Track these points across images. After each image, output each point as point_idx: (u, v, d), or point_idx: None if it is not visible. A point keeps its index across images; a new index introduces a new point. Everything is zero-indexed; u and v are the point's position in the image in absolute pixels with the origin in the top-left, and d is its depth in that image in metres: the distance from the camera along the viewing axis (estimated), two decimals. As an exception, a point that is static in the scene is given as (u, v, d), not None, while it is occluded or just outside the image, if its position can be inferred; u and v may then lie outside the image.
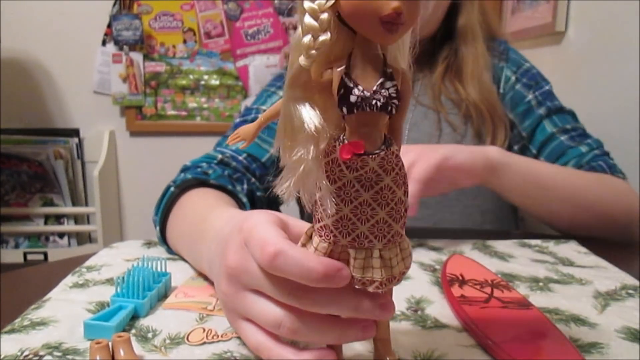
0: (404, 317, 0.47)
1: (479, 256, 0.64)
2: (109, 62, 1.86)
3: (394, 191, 0.30)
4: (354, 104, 0.28)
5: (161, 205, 0.66)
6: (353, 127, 0.29)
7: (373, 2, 0.26)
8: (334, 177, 0.30)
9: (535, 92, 0.90)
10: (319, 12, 0.27)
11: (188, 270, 0.58)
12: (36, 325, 0.45)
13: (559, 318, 0.47)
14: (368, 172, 0.30)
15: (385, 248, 0.31)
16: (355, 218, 0.31)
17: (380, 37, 0.27)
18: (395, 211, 0.31)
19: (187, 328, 0.44)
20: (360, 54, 0.29)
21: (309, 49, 0.27)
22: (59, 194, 1.87)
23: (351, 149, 0.29)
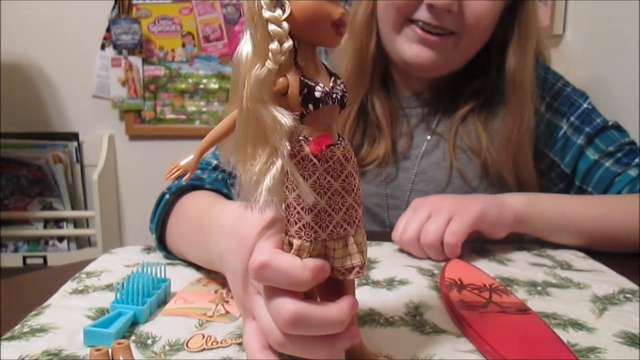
0: (403, 323, 0.47)
1: (477, 260, 0.64)
2: (108, 66, 1.87)
3: (355, 177, 0.34)
4: (319, 99, 0.31)
5: (157, 212, 0.66)
6: (314, 123, 0.32)
7: (326, 9, 0.31)
8: (307, 174, 0.32)
9: (570, 118, 0.83)
10: (281, 21, 0.30)
11: (187, 275, 0.58)
12: (36, 332, 0.45)
13: (557, 323, 0.47)
14: (335, 162, 0.32)
15: (357, 233, 0.34)
16: (331, 209, 0.33)
17: (331, 40, 0.32)
18: (357, 197, 0.34)
19: (186, 334, 0.44)
20: (307, 60, 0.32)
21: (276, 54, 0.30)
22: (58, 198, 1.87)
23: (322, 141, 0.32)
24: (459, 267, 0.59)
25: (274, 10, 0.30)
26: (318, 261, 0.33)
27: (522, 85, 0.78)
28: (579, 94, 0.85)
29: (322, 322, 0.33)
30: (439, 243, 0.63)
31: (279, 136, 0.31)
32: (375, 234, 0.73)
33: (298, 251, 0.33)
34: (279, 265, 0.33)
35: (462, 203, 0.67)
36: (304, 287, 0.33)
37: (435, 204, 0.67)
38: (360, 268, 0.34)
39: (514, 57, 0.78)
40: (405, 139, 0.84)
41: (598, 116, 0.83)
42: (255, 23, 0.30)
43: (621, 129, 0.84)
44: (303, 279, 0.32)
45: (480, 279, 0.55)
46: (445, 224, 0.64)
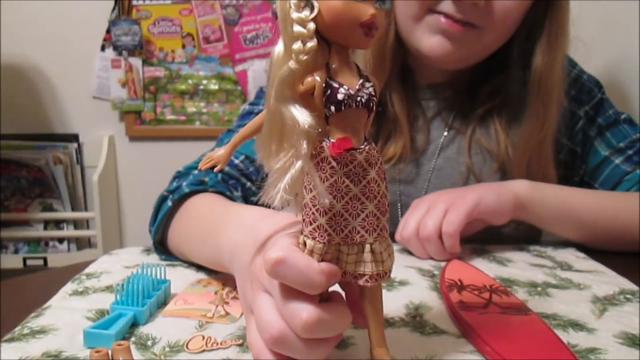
0: (403, 324, 0.47)
1: (477, 261, 0.64)
2: (108, 68, 1.86)
3: (379, 184, 0.33)
4: (341, 101, 0.31)
5: (158, 217, 0.65)
6: (339, 124, 0.32)
7: (354, 10, 0.30)
8: (325, 176, 0.32)
9: (586, 107, 0.81)
10: (306, 22, 0.30)
11: (188, 276, 0.58)
12: (36, 333, 0.45)
13: (557, 323, 0.47)
14: (356, 166, 0.32)
15: (375, 242, 0.34)
16: (347, 214, 0.33)
17: (359, 41, 0.31)
18: (381, 204, 0.33)
19: (186, 335, 0.44)
20: (338, 61, 0.32)
21: (299, 54, 0.30)
22: (58, 199, 1.87)
23: (341, 144, 0.31)
24: (459, 267, 0.59)
25: (302, 11, 0.30)
26: (333, 267, 0.33)
27: (549, 87, 0.74)
28: (594, 83, 0.83)
29: (338, 326, 0.34)
30: (437, 236, 0.63)
31: (297, 135, 0.31)
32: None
33: (310, 252, 0.33)
34: (295, 263, 0.32)
35: (459, 194, 0.67)
36: (315, 289, 0.32)
37: (432, 200, 0.67)
38: (370, 277, 0.34)
39: (542, 56, 0.74)
40: (423, 135, 0.82)
41: (610, 107, 0.82)
42: (287, 23, 0.30)
43: (633, 124, 0.82)
44: (317, 282, 0.32)
45: (481, 279, 0.55)
46: (442, 216, 0.64)
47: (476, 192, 0.68)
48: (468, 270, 0.58)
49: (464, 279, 0.54)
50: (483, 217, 0.67)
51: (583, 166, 0.82)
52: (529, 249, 0.70)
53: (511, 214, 0.69)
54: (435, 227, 0.63)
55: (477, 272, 0.57)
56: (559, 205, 0.70)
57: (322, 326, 0.33)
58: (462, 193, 0.68)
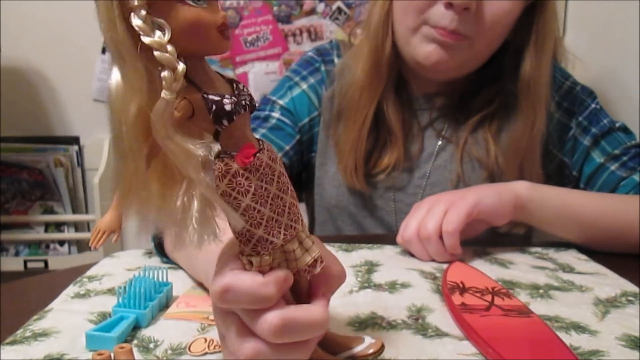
0: (405, 326, 0.47)
1: (479, 263, 0.64)
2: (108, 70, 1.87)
3: (284, 174, 0.33)
4: (231, 111, 0.30)
5: None
6: (231, 135, 0.31)
7: (206, 17, 0.29)
8: (244, 190, 0.31)
9: (579, 118, 0.82)
10: (165, 44, 0.27)
11: (189, 279, 0.58)
12: (38, 336, 0.45)
13: (559, 326, 0.47)
14: (265, 167, 0.31)
15: (304, 228, 0.34)
16: (276, 214, 0.32)
17: (221, 45, 0.30)
18: (292, 192, 0.34)
19: (188, 338, 0.44)
20: (201, 73, 0.30)
21: (171, 83, 0.28)
22: (59, 202, 1.87)
23: (248, 152, 0.31)
24: (461, 270, 0.59)
25: (153, 34, 0.27)
26: (280, 272, 0.32)
27: (537, 91, 0.77)
28: (587, 93, 0.84)
29: (308, 325, 0.33)
30: (437, 235, 0.63)
31: (195, 169, 0.29)
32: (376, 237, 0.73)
33: (260, 267, 0.32)
34: (240, 286, 0.31)
35: (459, 195, 0.68)
36: (270, 301, 0.32)
37: (433, 201, 0.67)
38: (322, 259, 0.34)
39: (530, 61, 0.76)
40: (416, 145, 0.83)
41: (605, 117, 0.83)
42: (123, 54, 0.27)
43: (628, 131, 0.83)
44: (268, 295, 0.31)
45: (483, 282, 0.55)
46: (443, 216, 0.64)
47: (476, 192, 0.68)
48: (470, 273, 0.58)
49: (466, 281, 0.54)
50: (483, 217, 0.67)
51: (574, 174, 0.83)
52: (531, 251, 0.69)
53: (511, 214, 0.69)
54: (435, 227, 0.63)
55: (479, 275, 0.57)
56: (558, 205, 0.71)
57: (291, 325, 0.32)
58: (462, 193, 0.68)
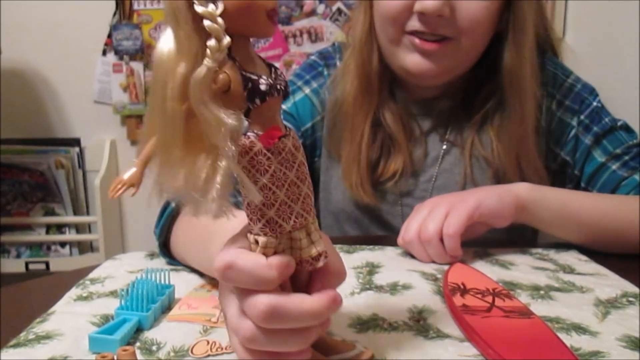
0: (406, 328, 0.47)
1: (480, 264, 0.64)
2: (109, 72, 1.87)
3: (305, 165, 0.34)
4: (265, 92, 0.31)
5: (162, 219, 0.65)
6: (261, 115, 0.31)
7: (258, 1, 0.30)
8: (264, 168, 0.32)
9: (581, 116, 0.82)
10: (216, 16, 0.29)
11: (191, 281, 0.58)
12: (41, 338, 0.45)
13: (560, 327, 0.47)
14: (287, 152, 0.32)
15: (314, 221, 0.35)
16: (290, 200, 0.33)
17: (267, 29, 0.31)
18: (310, 184, 0.34)
19: (191, 340, 0.44)
20: (245, 53, 0.31)
21: (215, 52, 0.29)
22: (60, 204, 1.87)
23: (273, 134, 0.32)
24: (462, 271, 0.59)
25: (207, 5, 0.29)
26: (283, 257, 0.33)
27: (520, 82, 0.76)
28: (589, 91, 0.84)
29: (297, 314, 0.33)
30: (438, 238, 0.63)
31: (224, 138, 0.29)
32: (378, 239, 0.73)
33: (265, 248, 0.33)
34: (243, 265, 0.32)
35: (459, 197, 0.68)
36: (270, 285, 0.32)
37: (434, 203, 0.68)
38: (327, 254, 0.35)
39: (510, 53, 0.76)
40: (421, 150, 0.83)
41: (607, 115, 0.82)
42: (179, 20, 0.29)
43: (630, 130, 0.83)
44: (269, 277, 0.32)
45: (484, 283, 0.55)
46: (443, 219, 0.64)
47: (477, 194, 0.68)
48: (471, 274, 0.58)
49: (467, 282, 0.55)
50: (484, 220, 0.67)
51: (576, 173, 0.83)
52: (532, 252, 0.70)
53: (513, 217, 0.69)
54: (436, 230, 0.63)
55: (480, 276, 0.58)
56: (559, 207, 0.71)
57: (280, 312, 0.32)
58: (463, 196, 0.68)
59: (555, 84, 0.83)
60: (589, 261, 0.67)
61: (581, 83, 0.84)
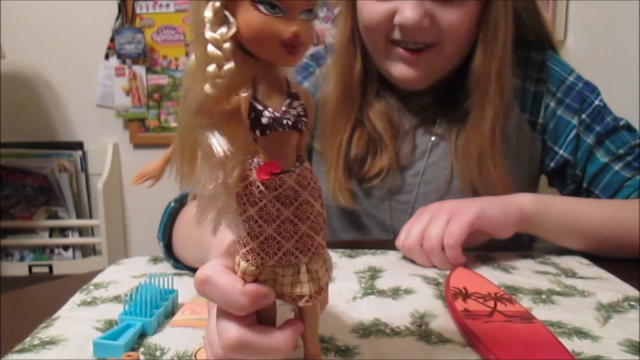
0: (408, 332, 0.47)
1: (482, 268, 0.65)
2: (112, 76, 1.88)
3: (312, 204, 0.31)
4: (266, 125, 0.29)
5: (163, 220, 0.66)
6: (267, 147, 0.30)
7: (274, 27, 0.28)
8: (254, 200, 0.31)
9: (582, 115, 0.81)
10: (222, 42, 0.28)
11: (194, 286, 0.58)
12: (46, 344, 0.45)
13: (561, 331, 0.48)
14: (287, 189, 0.30)
15: (311, 261, 0.32)
16: (280, 237, 0.31)
17: (283, 60, 0.29)
18: (315, 224, 0.32)
19: (194, 345, 0.44)
20: (264, 79, 0.30)
21: (214, 78, 0.28)
22: (63, 207, 1.88)
23: (268, 169, 0.30)
24: (464, 275, 0.59)
25: (218, 28, 0.28)
26: (261, 288, 0.32)
27: (486, 86, 0.75)
28: (590, 90, 0.82)
29: (264, 350, 0.33)
30: (439, 247, 0.63)
31: (214, 164, 0.29)
32: (380, 243, 0.74)
33: (244, 274, 0.32)
34: (219, 284, 0.32)
35: (461, 205, 0.67)
36: (240, 311, 0.32)
37: (435, 209, 0.67)
38: (310, 297, 0.32)
39: (478, 54, 0.75)
40: (409, 144, 0.83)
41: (609, 114, 0.82)
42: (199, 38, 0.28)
43: (632, 129, 0.82)
44: (239, 304, 0.32)
45: (485, 287, 0.55)
46: (445, 227, 0.64)
47: (479, 203, 0.68)
48: (473, 278, 0.58)
49: (468, 286, 0.55)
50: (486, 229, 0.67)
51: (577, 173, 0.82)
52: (533, 256, 0.70)
53: (515, 227, 0.68)
54: (438, 239, 0.63)
55: (482, 280, 0.58)
56: (563, 217, 0.70)
57: (246, 347, 0.32)
58: (465, 204, 0.68)
59: (557, 82, 0.83)
60: (590, 265, 0.67)
61: (583, 81, 0.83)
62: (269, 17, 0.28)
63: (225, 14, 0.28)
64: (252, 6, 0.28)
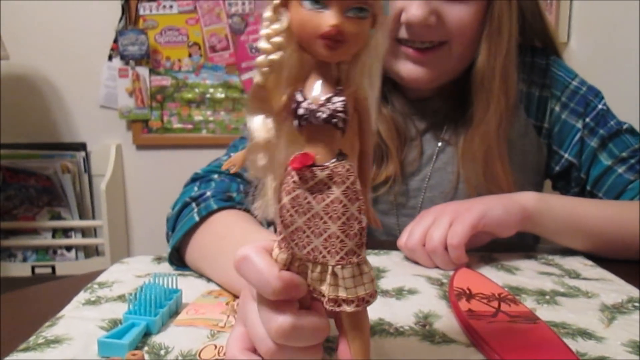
0: (413, 332, 0.47)
1: (485, 269, 0.64)
2: (115, 77, 1.88)
3: (345, 205, 0.31)
4: (301, 116, 0.31)
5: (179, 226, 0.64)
6: (307, 140, 0.31)
7: (314, 21, 0.29)
8: (289, 189, 0.32)
9: (586, 119, 0.81)
10: (273, 36, 0.30)
11: (199, 287, 0.58)
12: (51, 343, 0.45)
13: (565, 332, 0.48)
14: (318, 183, 0.31)
15: (338, 265, 0.31)
16: (310, 231, 0.32)
17: (322, 54, 0.30)
18: (347, 227, 0.31)
19: (198, 345, 0.45)
20: (316, 74, 0.31)
21: (261, 67, 0.30)
22: (66, 208, 1.88)
23: (301, 160, 0.31)
24: (468, 276, 0.59)
25: (274, 23, 0.30)
26: (295, 277, 0.33)
27: (491, 84, 0.75)
28: (594, 94, 0.83)
29: (315, 333, 0.33)
30: (442, 248, 0.63)
31: (255, 147, 0.32)
32: (383, 243, 0.74)
33: (276, 260, 0.33)
34: (256, 263, 0.33)
35: (464, 206, 0.68)
36: (271, 294, 0.32)
37: (438, 211, 0.68)
38: (328, 300, 0.32)
39: (482, 55, 0.75)
40: (415, 150, 0.83)
41: (612, 118, 0.82)
42: None
43: (635, 133, 0.82)
44: (271, 287, 0.32)
45: (489, 288, 0.55)
46: (448, 228, 0.64)
47: (482, 204, 0.68)
48: (476, 279, 0.58)
49: (472, 287, 0.55)
50: (489, 230, 0.67)
51: (582, 176, 0.83)
52: (537, 257, 0.70)
53: (518, 227, 0.68)
54: (441, 240, 0.63)
55: (486, 281, 0.58)
56: (565, 216, 0.70)
57: (298, 332, 0.33)
58: (468, 205, 0.68)
59: (561, 87, 0.83)
60: (594, 266, 0.67)
61: (586, 86, 0.84)
62: (311, 12, 0.29)
63: (281, 12, 0.30)
64: (298, 2, 0.30)
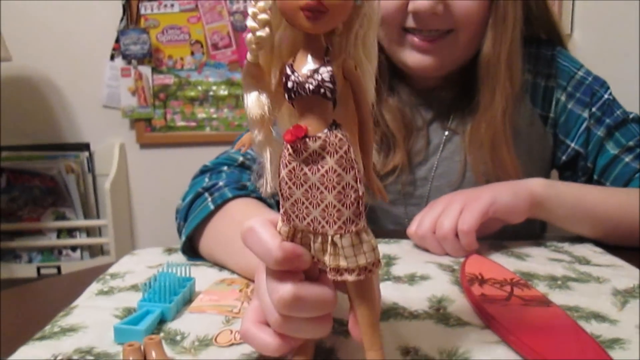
0: (427, 316, 0.47)
1: (496, 256, 0.65)
2: (117, 76, 1.88)
3: (340, 175, 0.31)
4: (290, 89, 0.31)
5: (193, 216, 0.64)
6: (300, 112, 0.32)
7: None
8: (285, 162, 0.32)
9: (592, 108, 0.82)
10: (259, 13, 0.31)
11: (211, 275, 0.58)
12: (66, 331, 0.46)
13: (579, 315, 0.48)
14: (312, 154, 0.31)
15: (336, 234, 0.32)
16: (308, 202, 0.32)
17: (304, 26, 0.30)
18: (344, 195, 0.31)
19: (214, 330, 0.45)
20: (304, 47, 0.32)
21: (250, 44, 0.31)
22: (71, 208, 1.89)
23: (293, 132, 0.31)
24: (479, 262, 0.59)
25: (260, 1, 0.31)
26: (298, 248, 0.33)
27: (496, 71, 0.75)
28: (600, 84, 0.84)
29: (318, 303, 0.34)
30: (453, 234, 0.63)
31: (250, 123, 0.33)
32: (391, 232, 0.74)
33: (279, 232, 0.34)
34: (260, 233, 0.34)
35: (474, 194, 0.68)
36: (273, 264, 0.33)
37: (448, 200, 0.68)
38: (330, 270, 0.33)
39: (488, 42, 0.75)
40: (422, 139, 0.83)
41: (619, 108, 0.83)
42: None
43: None
44: (273, 256, 0.33)
45: (501, 273, 0.55)
46: (458, 216, 0.65)
47: (491, 190, 0.68)
48: (488, 265, 0.58)
49: (484, 273, 0.55)
50: (499, 216, 0.67)
51: (588, 165, 0.83)
52: (546, 245, 0.70)
53: (527, 213, 0.69)
54: (451, 226, 0.64)
55: (497, 267, 0.58)
56: (574, 202, 0.71)
57: (300, 302, 0.33)
58: (478, 193, 0.68)
59: (567, 77, 0.83)
60: (604, 253, 0.67)
61: (592, 76, 0.84)
62: None
63: None
64: None
